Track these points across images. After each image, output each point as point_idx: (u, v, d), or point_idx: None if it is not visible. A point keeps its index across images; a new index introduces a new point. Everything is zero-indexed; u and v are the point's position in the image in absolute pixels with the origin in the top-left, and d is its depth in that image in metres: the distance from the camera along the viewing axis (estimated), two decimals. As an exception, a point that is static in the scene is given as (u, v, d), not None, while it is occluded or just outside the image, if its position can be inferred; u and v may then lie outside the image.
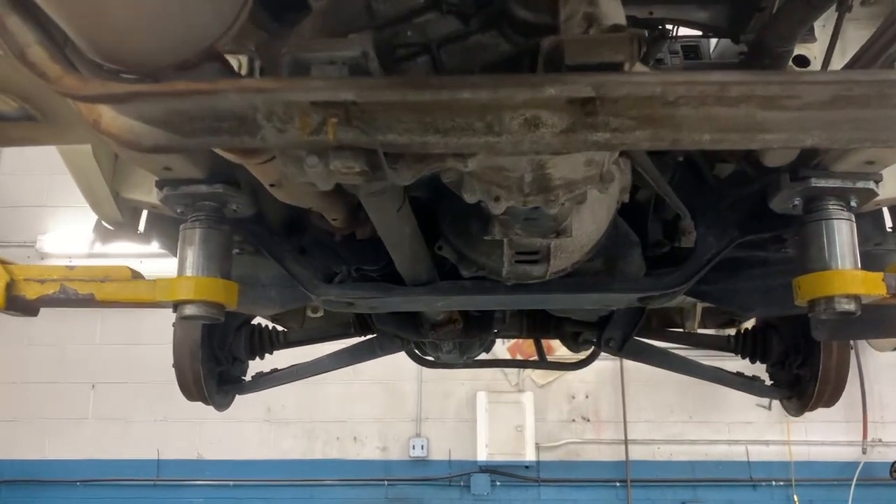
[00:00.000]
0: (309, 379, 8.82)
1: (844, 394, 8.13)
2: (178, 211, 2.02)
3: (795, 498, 8.06)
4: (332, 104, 1.10)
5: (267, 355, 3.33)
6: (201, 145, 1.21)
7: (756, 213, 2.23)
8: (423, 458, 8.52)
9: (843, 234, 1.88)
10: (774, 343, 3.03)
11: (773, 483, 8.26)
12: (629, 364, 8.60)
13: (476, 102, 1.09)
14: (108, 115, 1.20)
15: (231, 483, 8.39)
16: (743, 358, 3.15)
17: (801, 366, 2.92)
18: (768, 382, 3.15)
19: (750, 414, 8.47)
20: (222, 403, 3.18)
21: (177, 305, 1.97)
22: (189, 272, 1.97)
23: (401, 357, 9.02)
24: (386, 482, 8.42)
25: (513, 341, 8.82)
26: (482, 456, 8.36)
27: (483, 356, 3.67)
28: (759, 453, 8.42)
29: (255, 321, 3.31)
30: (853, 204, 1.91)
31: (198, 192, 1.96)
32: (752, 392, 3.18)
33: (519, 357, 8.74)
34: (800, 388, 2.98)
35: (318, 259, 2.35)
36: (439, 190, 2.00)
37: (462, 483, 8.40)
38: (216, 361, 3.07)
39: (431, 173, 1.98)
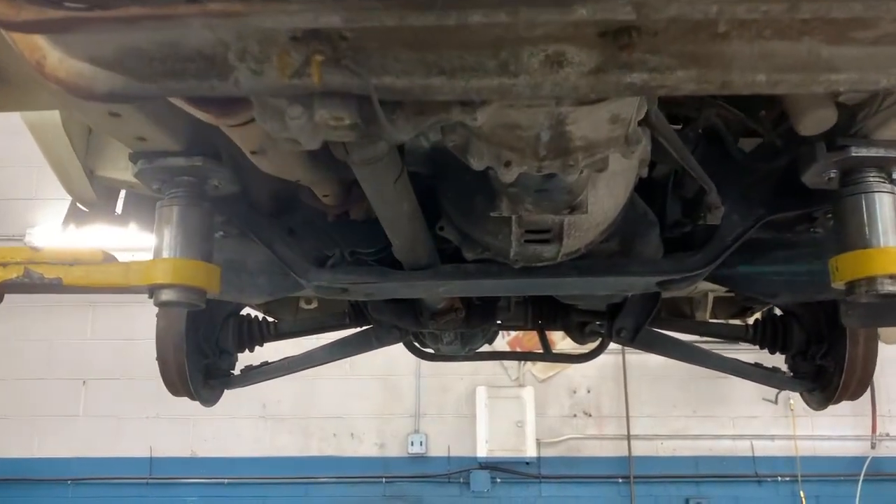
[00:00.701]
0: (304, 374, 8.66)
1: None
2: (155, 187, 1.84)
3: (802, 494, 7.91)
4: (315, 36, 0.92)
5: (257, 348, 3.15)
6: (163, 91, 1.03)
7: (784, 190, 2.07)
8: (422, 455, 8.36)
9: (885, 209, 1.70)
10: (795, 332, 2.85)
11: (779, 479, 8.11)
12: (632, 358, 8.45)
13: (489, 34, 0.91)
14: (54, 56, 1.02)
15: (225, 481, 8.22)
16: (761, 348, 2.98)
17: (824, 356, 2.75)
18: (788, 374, 2.98)
19: (755, 408, 8.33)
20: (209, 398, 3.00)
21: (153, 290, 1.79)
22: (166, 254, 1.79)
23: (398, 351, 8.86)
24: (384, 479, 8.26)
25: (512, 335, 8.67)
26: (482, 452, 8.20)
27: (485, 348, 3.50)
28: (765, 448, 8.28)
29: (245, 312, 3.13)
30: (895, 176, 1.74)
31: (175, 166, 1.78)
32: (772, 384, 3.01)
33: (519, 351, 8.61)
34: (823, 379, 2.80)
35: (308, 241, 2.18)
36: (440, 164, 1.84)
37: (461, 480, 8.24)
38: (202, 354, 2.89)
39: (432, 145, 1.82)
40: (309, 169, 1.69)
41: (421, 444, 8.36)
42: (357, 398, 8.51)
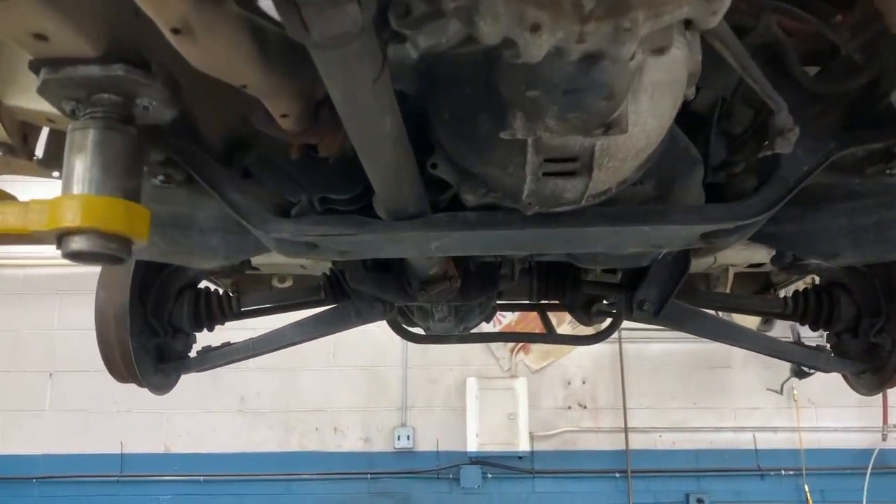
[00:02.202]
0: (285, 365, 8.31)
1: None
2: (68, 109, 1.41)
3: (806, 488, 7.59)
4: None
5: (219, 327, 2.72)
6: None
7: (859, 119, 1.68)
8: (409, 450, 7.95)
9: None
10: (844, 304, 2.47)
11: (783, 472, 7.78)
12: (629, 347, 8.09)
13: None
14: None
15: (201, 478, 7.78)
16: (802, 324, 2.60)
17: (879, 332, 2.36)
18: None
19: (757, 399, 8.00)
20: (161, 385, 2.58)
21: (60, 238, 1.37)
22: (76, 189, 1.36)
23: (384, 341, 8.47)
24: (369, 475, 7.85)
25: (504, 324, 8.30)
26: (472, 446, 7.79)
27: (481, 328, 3.08)
28: (768, 441, 7.94)
29: (204, 285, 2.70)
30: None
31: (90, 77, 1.34)
32: (817, 366, 2.60)
33: (520, 332, 8.23)
34: (876, 359, 2.42)
35: (268, 185, 1.76)
36: (432, 79, 1.43)
37: (451, 476, 7.84)
38: (152, 332, 2.48)
39: (422, 53, 1.42)
40: (257, 66, 1.26)
41: (408, 439, 7.95)
42: (341, 390, 8.10)
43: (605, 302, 3.40)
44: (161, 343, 2.52)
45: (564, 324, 8.35)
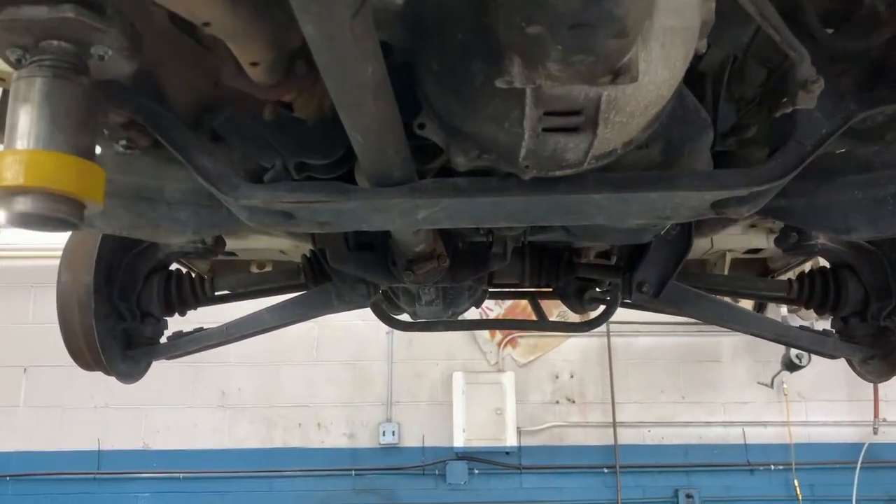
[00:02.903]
0: (267, 360, 8.14)
1: (846, 372, 7.50)
2: (14, 59, 1.26)
3: (796, 483, 7.51)
4: None
5: (194, 313, 2.57)
6: None
7: (881, 80, 1.56)
8: (394, 445, 7.79)
9: None
10: (851, 287, 2.35)
11: (772, 467, 7.69)
12: (617, 341, 7.98)
13: None
14: None
15: (181, 475, 7.58)
16: (808, 307, 2.48)
17: (889, 315, 2.24)
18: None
19: (746, 393, 7.91)
20: (129, 373, 2.43)
21: (3, 200, 1.22)
22: (20, 144, 1.21)
23: (369, 335, 8.31)
24: (353, 472, 7.68)
25: (491, 317, 8.17)
26: (459, 442, 7.65)
27: (470, 313, 2.94)
28: (757, 435, 7.84)
29: (175, 267, 2.55)
30: None
31: (37, 20, 1.19)
32: (823, 352, 2.47)
33: (499, 336, 8.10)
34: (886, 344, 2.30)
35: (239, 149, 1.61)
36: (419, 27, 1.29)
37: (437, 472, 7.69)
38: (118, 316, 2.32)
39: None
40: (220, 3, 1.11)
41: (393, 434, 7.79)
42: (324, 385, 7.93)
43: (598, 290, 3.29)
44: (129, 328, 2.36)
45: (552, 316, 8.24)
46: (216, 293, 2.58)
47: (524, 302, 8.31)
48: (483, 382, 7.84)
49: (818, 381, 7.69)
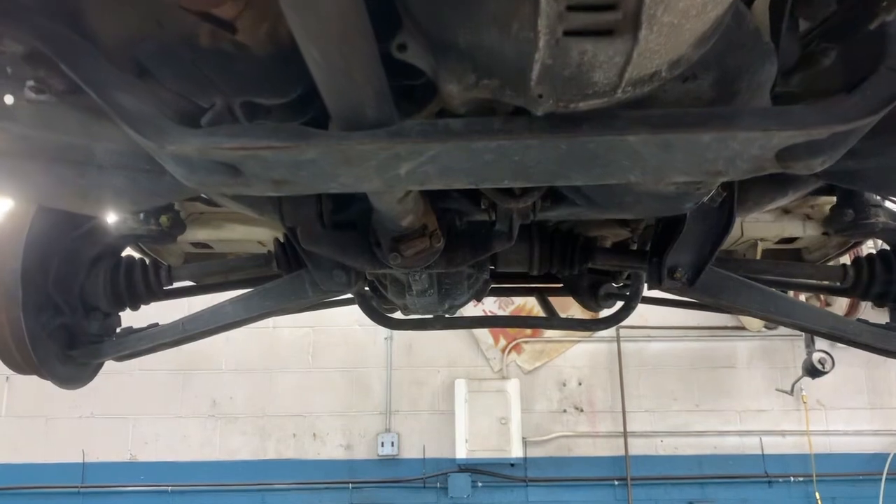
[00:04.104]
0: (259, 368, 7.80)
1: (867, 377, 7.04)
2: None
3: (817, 495, 7.13)
4: None
5: (151, 304, 2.22)
6: None
7: None
8: (394, 457, 7.44)
9: None
10: (918, 273, 1.99)
11: (792, 479, 7.30)
12: (627, 346, 7.63)
13: None
14: None
15: (169, 489, 7.22)
16: (865, 298, 2.12)
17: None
18: None
19: (763, 401, 7.55)
20: (71, 377, 2.08)
21: None
22: None
23: (366, 341, 7.93)
24: (350, 485, 7.31)
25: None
26: (461, 453, 7.28)
27: (469, 309, 2.58)
28: (776, 445, 7.47)
29: (127, 253, 2.20)
30: None
31: None
32: (889, 349, 2.09)
33: (503, 341, 7.75)
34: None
35: (171, 85, 1.27)
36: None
37: (438, 484, 7.32)
38: (55, 310, 1.97)
39: None
40: None
41: (392, 445, 7.44)
42: (320, 394, 7.57)
43: (614, 285, 2.94)
44: (69, 324, 2.02)
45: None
46: (175, 285, 2.24)
47: (531, 307, 7.97)
48: (486, 390, 7.50)
49: (838, 388, 7.35)
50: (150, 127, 1.17)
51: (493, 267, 2.16)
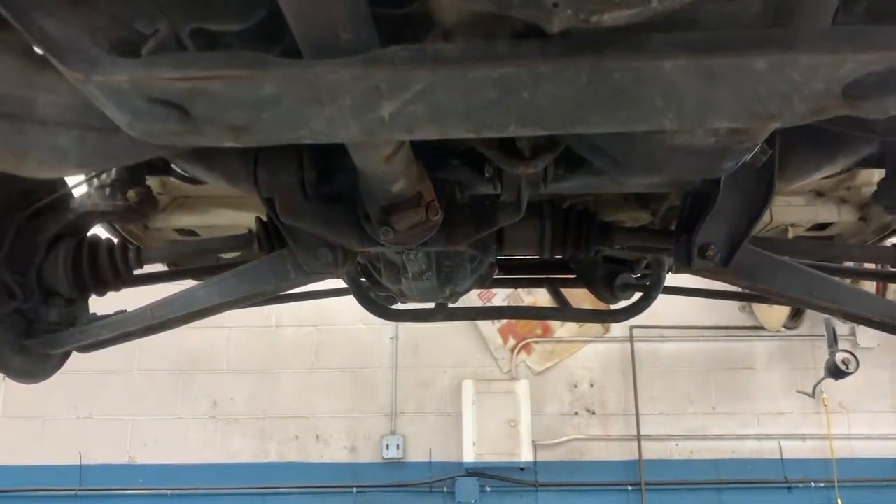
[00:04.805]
0: (261, 368, 7.60)
1: (892, 379, 6.73)
2: None
3: (839, 502, 6.86)
4: None
5: (122, 290, 2.01)
6: None
7: None
8: (399, 460, 7.21)
9: None
10: None
11: (813, 484, 7.03)
12: (641, 347, 7.39)
13: None
14: None
15: (168, 492, 7.01)
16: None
17: None
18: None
19: (783, 403, 7.29)
20: (29, 369, 1.88)
21: None
22: None
23: (371, 340, 7.72)
24: (354, 489, 7.09)
25: (504, 321, 7.62)
26: (469, 456, 7.05)
27: (471, 299, 2.36)
28: (795, 450, 7.19)
29: (95, 233, 1.99)
30: None
31: None
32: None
33: (512, 341, 7.54)
34: None
35: (106, 8, 1.05)
36: None
37: (445, 489, 7.07)
38: (7, 294, 1.76)
39: None
40: None
41: (398, 448, 7.21)
42: (323, 395, 7.35)
43: (632, 275, 2.72)
44: (25, 310, 1.81)
45: (565, 326, 7.64)
46: (149, 270, 2.03)
47: (541, 305, 7.74)
48: (495, 392, 7.27)
49: (861, 390, 7.10)
50: (77, 56, 0.96)
51: (498, 248, 1.93)
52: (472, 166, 1.59)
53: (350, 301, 2.43)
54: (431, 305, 2.58)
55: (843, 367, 6.21)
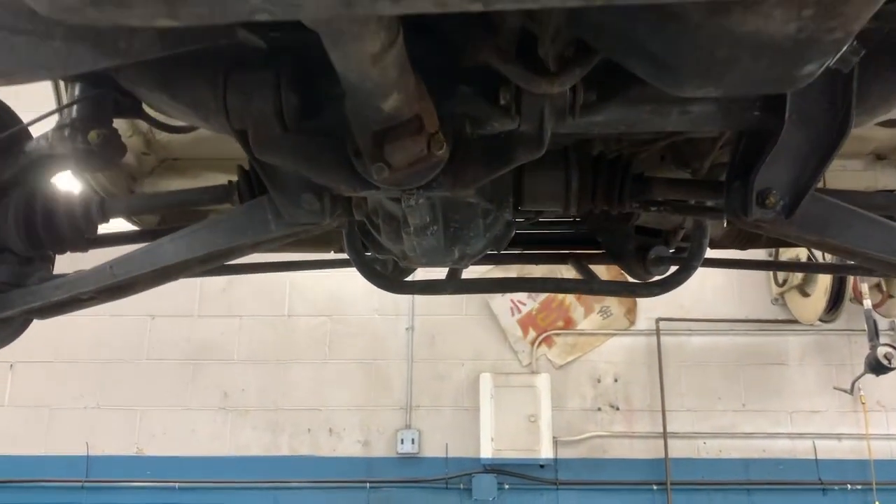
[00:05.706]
0: (273, 358, 7.39)
1: None
2: None
3: (876, 504, 6.52)
4: None
5: (88, 251, 1.77)
6: None
7: None
8: (414, 455, 6.95)
9: None
10: None
11: (849, 487, 6.68)
12: (667, 340, 7.09)
13: None
14: None
15: (177, 485, 6.80)
16: None
17: None
18: None
19: (817, 400, 6.95)
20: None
21: None
22: None
23: (386, 330, 7.47)
24: (368, 484, 6.84)
25: (523, 312, 7.36)
26: (486, 452, 6.77)
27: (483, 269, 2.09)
28: (831, 450, 6.85)
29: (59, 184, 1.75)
30: None
31: None
32: None
33: (532, 333, 7.27)
34: None
35: None
36: None
37: (461, 485, 6.82)
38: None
39: None
40: None
41: (413, 443, 6.95)
42: (336, 386, 7.12)
43: (667, 248, 2.45)
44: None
45: (594, 313, 7.35)
46: (118, 229, 1.78)
47: (561, 298, 7.44)
48: (514, 385, 6.98)
49: (900, 387, 6.75)
50: None
51: (516, 200, 1.66)
52: (484, 95, 1.33)
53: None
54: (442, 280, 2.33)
55: (885, 362, 5.87)
